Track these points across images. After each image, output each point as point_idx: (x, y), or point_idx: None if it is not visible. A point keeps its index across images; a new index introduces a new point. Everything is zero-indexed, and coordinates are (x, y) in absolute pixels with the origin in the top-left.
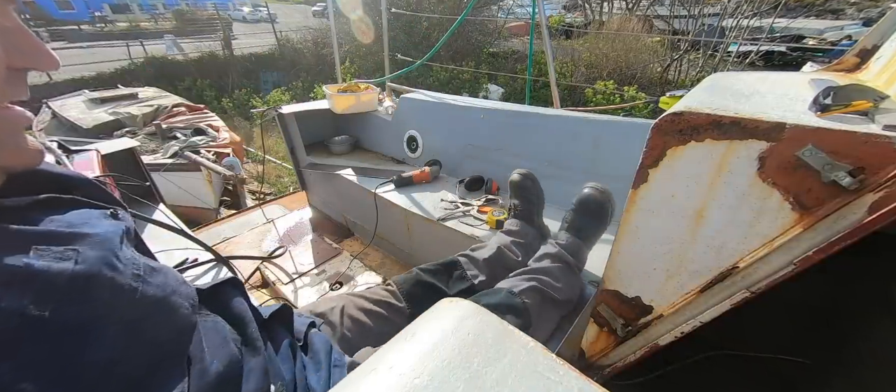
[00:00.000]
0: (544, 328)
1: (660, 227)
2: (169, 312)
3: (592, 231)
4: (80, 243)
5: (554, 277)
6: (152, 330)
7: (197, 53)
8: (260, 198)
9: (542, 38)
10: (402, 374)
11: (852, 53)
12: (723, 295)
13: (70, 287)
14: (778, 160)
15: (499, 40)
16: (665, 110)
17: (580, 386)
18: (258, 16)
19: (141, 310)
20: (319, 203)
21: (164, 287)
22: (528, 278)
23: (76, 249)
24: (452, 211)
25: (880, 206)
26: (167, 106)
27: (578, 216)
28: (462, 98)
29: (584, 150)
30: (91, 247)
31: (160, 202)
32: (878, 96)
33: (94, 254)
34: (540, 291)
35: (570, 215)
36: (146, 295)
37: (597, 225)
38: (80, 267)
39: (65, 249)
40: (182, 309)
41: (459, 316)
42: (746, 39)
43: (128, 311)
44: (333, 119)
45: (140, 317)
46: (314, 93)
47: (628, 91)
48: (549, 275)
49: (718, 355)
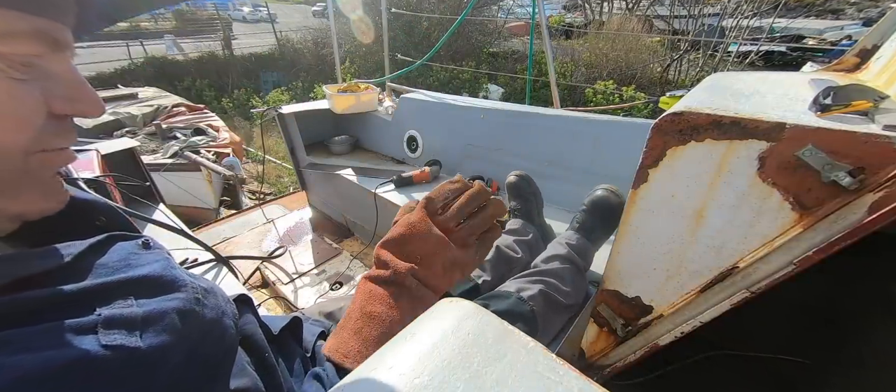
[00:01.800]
0: (550, 332)
1: (660, 227)
2: (221, 333)
3: (601, 233)
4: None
5: (562, 280)
6: (206, 352)
7: (197, 53)
8: (260, 198)
9: (542, 38)
10: (402, 374)
11: (852, 53)
12: (723, 295)
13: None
14: (778, 160)
15: (499, 40)
16: (665, 110)
17: (580, 386)
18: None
19: (200, 333)
20: (319, 203)
21: (217, 309)
22: (536, 281)
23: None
24: None
25: (880, 206)
26: (167, 106)
27: (590, 217)
28: (462, 98)
29: (584, 150)
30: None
31: (160, 202)
32: (878, 96)
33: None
34: (548, 296)
35: (581, 216)
36: (205, 319)
37: (607, 227)
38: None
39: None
40: (230, 329)
41: (459, 316)
42: (746, 39)
43: (191, 336)
44: (333, 119)
45: (199, 340)
46: (314, 93)
47: (628, 91)
48: (557, 278)
49: (718, 355)
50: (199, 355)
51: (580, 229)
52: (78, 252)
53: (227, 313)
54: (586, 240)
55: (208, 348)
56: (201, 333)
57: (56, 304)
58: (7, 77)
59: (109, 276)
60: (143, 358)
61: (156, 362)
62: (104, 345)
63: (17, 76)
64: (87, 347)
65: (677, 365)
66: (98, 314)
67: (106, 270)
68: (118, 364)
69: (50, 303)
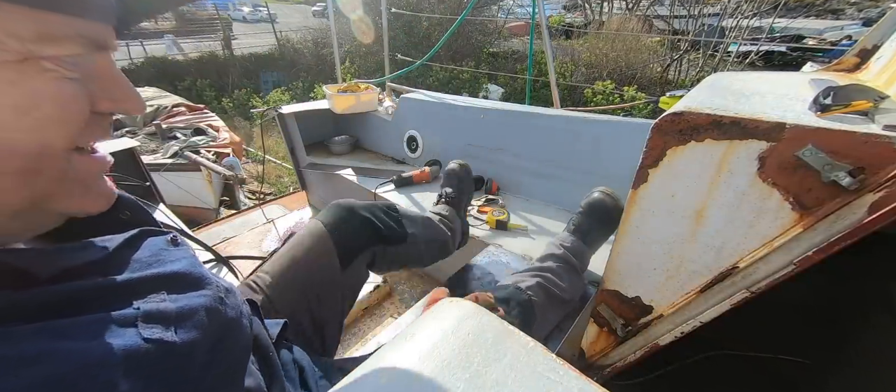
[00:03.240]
0: (546, 325)
1: (660, 227)
2: (239, 331)
3: (598, 235)
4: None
5: (559, 277)
6: (227, 349)
7: (197, 53)
8: (260, 198)
9: (542, 38)
10: (403, 373)
11: (852, 53)
12: (723, 295)
13: (179, 319)
14: (778, 160)
15: (499, 40)
16: (665, 110)
17: (580, 386)
18: (258, 16)
19: (222, 331)
20: (319, 203)
21: (236, 308)
22: (534, 275)
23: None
24: None
25: (880, 206)
26: (167, 106)
27: (586, 219)
28: (462, 98)
29: (584, 150)
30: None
31: (160, 202)
32: (878, 96)
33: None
34: (546, 288)
35: (578, 218)
36: (227, 317)
37: (604, 230)
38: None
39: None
40: (246, 329)
41: (459, 316)
42: (746, 39)
43: (215, 333)
44: (333, 119)
45: (221, 337)
46: (314, 93)
47: (628, 91)
48: (554, 274)
49: (718, 355)
50: (220, 352)
51: (576, 231)
52: (115, 247)
53: (243, 313)
54: (582, 242)
55: (229, 346)
56: (223, 331)
57: (99, 296)
58: (58, 77)
59: (144, 270)
60: (178, 352)
61: (188, 356)
62: (145, 338)
63: (68, 76)
64: (132, 340)
65: (677, 365)
66: (137, 308)
67: (140, 265)
68: (157, 357)
69: (93, 295)
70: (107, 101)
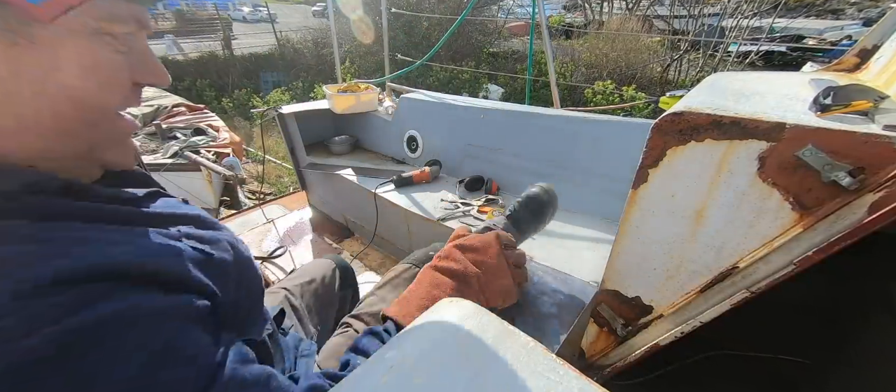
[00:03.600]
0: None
1: (660, 227)
2: (253, 270)
3: (528, 226)
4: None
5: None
6: (247, 282)
7: (197, 53)
8: (260, 198)
9: (542, 38)
10: (403, 373)
11: (852, 53)
12: (723, 295)
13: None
14: (778, 160)
15: (499, 40)
16: (665, 110)
17: (580, 386)
18: (258, 16)
19: (242, 265)
20: (319, 203)
21: (247, 251)
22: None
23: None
24: (452, 211)
25: (880, 206)
26: (167, 106)
27: (522, 209)
28: (462, 98)
29: (584, 150)
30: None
31: None
32: (878, 96)
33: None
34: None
35: (515, 205)
36: (244, 256)
37: (535, 221)
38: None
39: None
40: (258, 270)
41: (460, 316)
42: (746, 39)
43: (237, 263)
44: (333, 119)
45: (243, 270)
46: (314, 93)
47: (628, 91)
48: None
49: (718, 355)
50: (244, 284)
51: (510, 217)
52: (141, 194)
53: (251, 258)
54: (515, 228)
55: (248, 281)
56: (243, 266)
57: (144, 218)
58: (115, 51)
59: (173, 210)
60: (217, 264)
61: (225, 269)
62: (192, 247)
63: (120, 50)
64: (183, 245)
65: (677, 365)
66: (178, 229)
67: (167, 206)
68: (204, 263)
69: (140, 216)
70: (144, 73)
